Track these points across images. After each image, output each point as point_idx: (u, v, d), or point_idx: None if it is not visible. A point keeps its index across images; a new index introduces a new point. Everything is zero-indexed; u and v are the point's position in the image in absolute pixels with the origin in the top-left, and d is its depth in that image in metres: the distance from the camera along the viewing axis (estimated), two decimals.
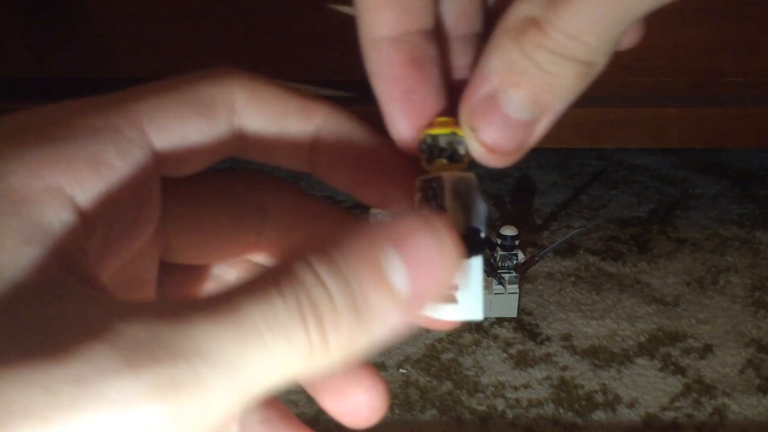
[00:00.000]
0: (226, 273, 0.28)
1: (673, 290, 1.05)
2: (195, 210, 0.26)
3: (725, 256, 1.11)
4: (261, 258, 0.28)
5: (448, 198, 0.24)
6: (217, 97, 0.24)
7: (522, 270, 1.00)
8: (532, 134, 0.24)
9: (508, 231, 0.98)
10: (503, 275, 0.98)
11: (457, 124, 0.24)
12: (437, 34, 0.25)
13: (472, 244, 0.23)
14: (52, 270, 0.19)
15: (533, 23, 0.22)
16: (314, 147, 0.25)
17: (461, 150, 0.24)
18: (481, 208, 0.24)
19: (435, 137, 0.24)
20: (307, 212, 0.27)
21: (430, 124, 0.25)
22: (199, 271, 0.28)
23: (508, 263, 0.98)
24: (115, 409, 0.17)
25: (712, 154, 1.33)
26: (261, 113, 0.24)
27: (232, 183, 0.27)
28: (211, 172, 0.27)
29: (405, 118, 0.25)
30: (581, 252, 1.11)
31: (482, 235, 0.23)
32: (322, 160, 0.25)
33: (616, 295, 1.04)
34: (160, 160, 0.23)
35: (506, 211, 1.20)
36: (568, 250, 1.11)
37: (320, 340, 0.19)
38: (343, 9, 0.92)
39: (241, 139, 0.24)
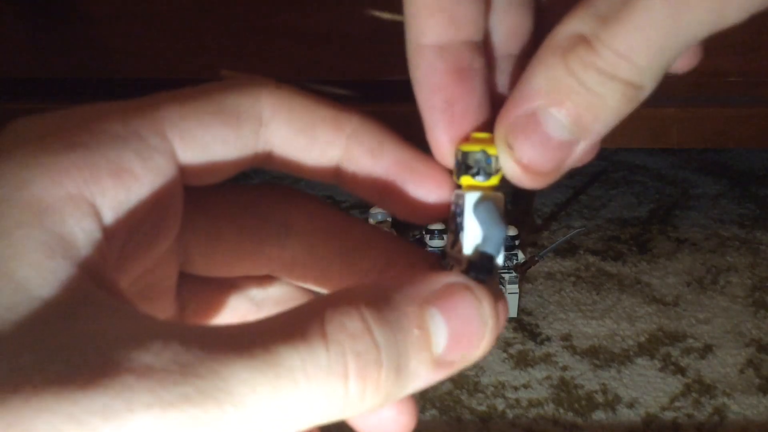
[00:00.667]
0: (247, 286, 0.28)
1: (673, 290, 1.05)
2: (217, 222, 0.26)
3: (725, 256, 1.11)
4: (283, 272, 0.27)
5: (467, 217, 0.23)
6: (244, 107, 0.23)
7: (522, 270, 1.00)
8: (569, 156, 0.23)
9: (508, 231, 0.98)
10: (503, 275, 0.98)
11: (493, 140, 0.23)
12: (484, 49, 0.25)
13: (478, 268, 0.22)
14: (77, 284, 0.19)
15: (582, 40, 0.21)
16: (344, 158, 0.24)
17: (488, 169, 0.24)
18: (496, 233, 0.23)
19: (465, 153, 0.24)
20: (332, 228, 0.26)
21: (466, 139, 0.24)
22: (219, 283, 0.27)
23: (508, 263, 0.98)
24: None
25: (712, 154, 1.33)
26: (289, 124, 0.24)
27: (255, 196, 0.26)
28: (235, 185, 0.26)
29: (444, 128, 0.24)
30: (581, 252, 1.11)
31: (494, 260, 0.23)
32: (352, 172, 0.25)
33: (616, 295, 1.04)
34: (182, 168, 0.23)
35: (506, 211, 1.20)
36: (568, 250, 1.11)
37: (359, 392, 0.19)
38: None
39: (267, 150, 0.24)
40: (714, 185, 1.26)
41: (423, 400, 0.88)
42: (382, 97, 0.92)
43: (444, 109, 0.24)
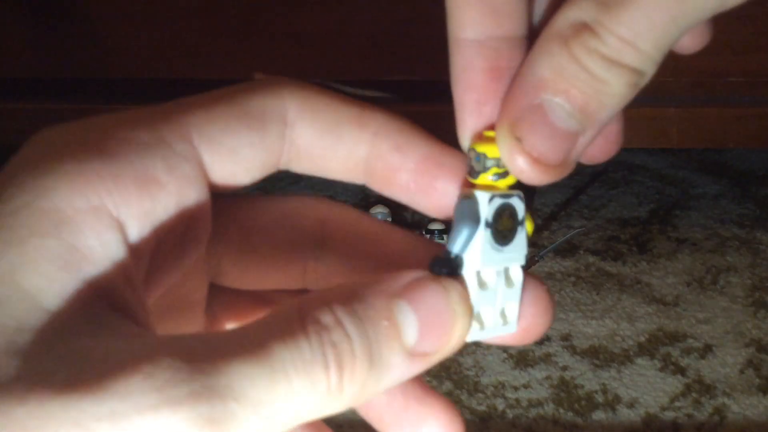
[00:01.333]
0: (281, 300, 0.27)
1: (673, 290, 1.05)
2: (251, 234, 0.25)
3: (725, 256, 1.11)
4: (318, 285, 0.27)
5: (454, 214, 0.24)
6: (269, 109, 0.23)
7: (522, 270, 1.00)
8: (577, 147, 0.22)
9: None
10: None
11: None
12: (528, 44, 0.24)
13: (438, 264, 0.23)
14: (87, 300, 0.19)
15: (585, 27, 0.21)
16: (370, 156, 0.24)
17: (477, 167, 0.23)
18: (460, 231, 0.23)
19: (468, 151, 0.24)
20: (368, 237, 0.26)
21: (478, 137, 0.24)
22: (252, 297, 0.27)
23: None
24: None
25: (712, 154, 1.33)
26: (314, 124, 0.23)
27: (289, 208, 0.26)
28: (268, 196, 0.26)
29: (471, 128, 0.24)
30: (581, 252, 1.11)
31: (452, 257, 0.23)
32: (380, 170, 0.24)
33: (616, 295, 1.04)
34: (209, 175, 0.22)
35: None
36: (568, 250, 1.11)
37: (337, 383, 0.19)
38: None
39: (293, 151, 0.23)
40: (714, 185, 1.26)
41: None
42: (386, 97, 0.92)
43: (473, 109, 0.24)
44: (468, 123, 0.24)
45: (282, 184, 1.24)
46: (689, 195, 1.24)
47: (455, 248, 0.23)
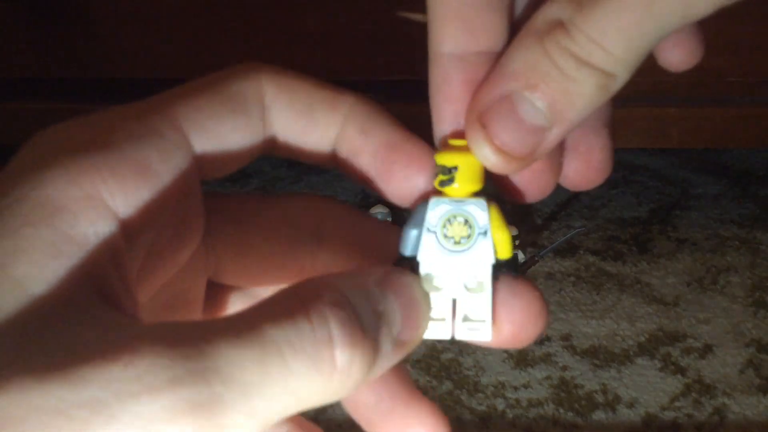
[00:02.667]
0: None
1: (673, 290, 1.05)
2: (248, 231, 0.26)
3: (725, 256, 1.11)
4: None
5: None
6: (249, 93, 0.23)
7: (522, 270, 1.00)
8: (542, 143, 0.23)
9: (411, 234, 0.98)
10: None
11: (461, 149, 0.24)
12: None
13: (397, 264, 0.24)
14: (77, 288, 0.19)
15: (560, 25, 0.21)
16: (338, 139, 0.25)
17: (434, 174, 0.24)
18: (408, 234, 0.24)
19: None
20: (364, 235, 0.26)
21: (444, 145, 0.24)
22: (249, 295, 0.27)
23: None
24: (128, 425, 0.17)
25: (712, 154, 1.33)
26: (289, 106, 0.24)
27: (285, 205, 0.26)
28: (266, 195, 0.26)
29: (447, 139, 0.24)
30: (581, 252, 1.11)
31: (403, 256, 0.24)
32: (345, 153, 0.25)
33: (616, 295, 1.04)
34: (199, 161, 0.23)
35: (506, 211, 1.20)
36: (568, 250, 1.11)
37: (347, 360, 0.19)
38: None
39: (271, 135, 0.24)
40: (714, 185, 1.26)
41: None
42: (383, 97, 0.92)
43: (451, 121, 0.24)
44: (446, 135, 0.24)
45: (282, 183, 1.24)
46: (689, 195, 1.24)
47: (402, 249, 0.24)
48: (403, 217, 0.25)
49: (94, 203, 0.20)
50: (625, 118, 0.94)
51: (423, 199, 0.24)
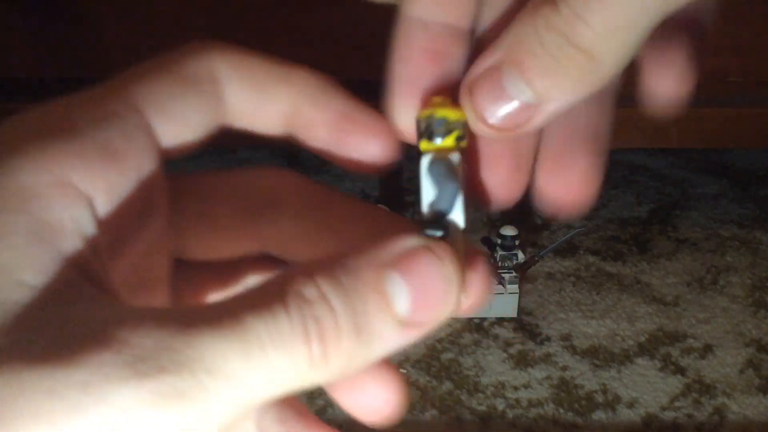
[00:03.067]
0: (243, 272, 0.28)
1: (673, 290, 1.05)
2: (209, 203, 0.26)
3: (725, 256, 1.11)
4: (277, 249, 0.27)
5: (422, 179, 0.24)
6: (203, 71, 0.24)
7: (522, 270, 1.00)
8: (525, 118, 0.23)
9: (508, 231, 0.98)
10: (503, 275, 0.98)
11: (451, 104, 0.24)
12: (472, 41, 0.25)
13: (431, 225, 0.23)
14: (60, 271, 0.19)
15: (552, 1, 0.21)
16: (292, 113, 0.25)
17: (439, 131, 0.24)
18: (448, 189, 0.23)
19: (420, 119, 0.24)
20: (321, 203, 0.27)
21: (425, 104, 0.24)
22: (215, 271, 0.28)
23: (508, 263, 0.98)
24: (119, 415, 0.17)
25: (712, 154, 1.33)
26: (243, 82, 0.24)
27: (245, 178, 0.27)
28: (224, 169, 0.27)
29: (400, 97, 0.25)
30: (581, 252, 1.11)
31: (446, 216, 0.23)
32: (300, 126, 0.25)
33: (616, 295, 1.04)
34: (160, 142, 0.23)
35: (506, 211, 1.20)
36: (568, 250, 1.11)
37: (321, 354, 0.19)
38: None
39: (226, 111, 0.24)
40: (714, 185, 1.26)
41: (423, 400, 0.88)
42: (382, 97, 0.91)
43: (406, 81, 0.25)
44: (399, 92, 0.25)
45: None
46: (689, 195, 1.24)
47: (446, 207, 0.23)
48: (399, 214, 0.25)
49: (66, 189, 0.20)
50: (625, 118, 0.94)
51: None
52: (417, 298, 0.21)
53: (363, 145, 0.25)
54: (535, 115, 0.23)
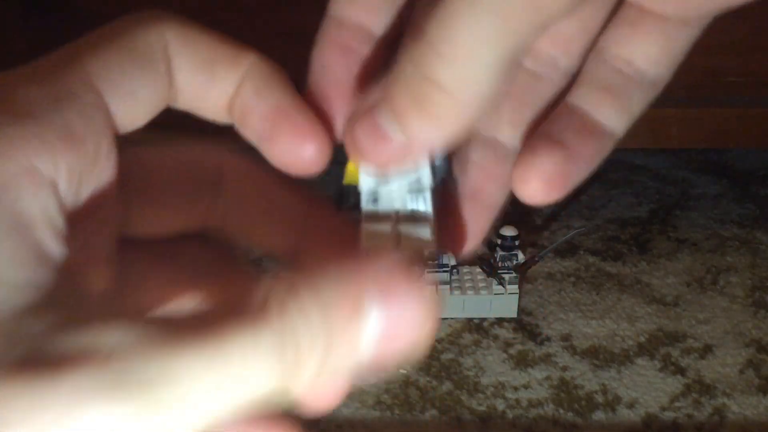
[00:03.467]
0: (184, 250, 0.28)
1: (673, 290, 1.05)
2: (152, 177, 0.26)
3: (725, 256, 1.11)
4: (216, 224, 0.28)
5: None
6: (155, 45, 0.23)
7: (522, 270, 1.00)
8: (410, 155, 0.23)
9: (508, 231, 0.98)
10: (503, 275, 0.98)
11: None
12: (388, 48, 0.25)
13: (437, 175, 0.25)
14: (36, 266, 0.19)
15: (419, 31, 0.21)
16: (235, 96, 0.25)
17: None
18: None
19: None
20: (260, 185, 0.27)
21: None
22: (158, 250, 0.27)
23: (508, 263, 0.98)
24: (94, 429, 0.17)
25: (712, 154, 1.33)
26: (191, 60, 0.24)
27: (189, 153, 0.27)
28: (169, 142, 0.26)
29: (314, 84, 0.26)
30: (581, 252, 1.11)
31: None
32: (237, 110, 0.25)
33: (616, 295, 1.04)
34: (113, 118, 0.23)
35: (506, 211, 1.20)
36: (568, 250, 1.11)
37: (280, 379, 0.19)
38: None
39: (175, 87, 0.24)
40: (714, 185, 1.26)
41: (423, 400, 0.88)
42: None
43: (318, 69, 0.26)
44: (312, 78, 0.26)
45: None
46: (689, 195, 1.24)
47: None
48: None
49: (33, 177, 0.20)
50: None
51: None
52: (389, 327, 0.20)
53: (291, 145, 0.25)
54: (410, 150, 0.23)
